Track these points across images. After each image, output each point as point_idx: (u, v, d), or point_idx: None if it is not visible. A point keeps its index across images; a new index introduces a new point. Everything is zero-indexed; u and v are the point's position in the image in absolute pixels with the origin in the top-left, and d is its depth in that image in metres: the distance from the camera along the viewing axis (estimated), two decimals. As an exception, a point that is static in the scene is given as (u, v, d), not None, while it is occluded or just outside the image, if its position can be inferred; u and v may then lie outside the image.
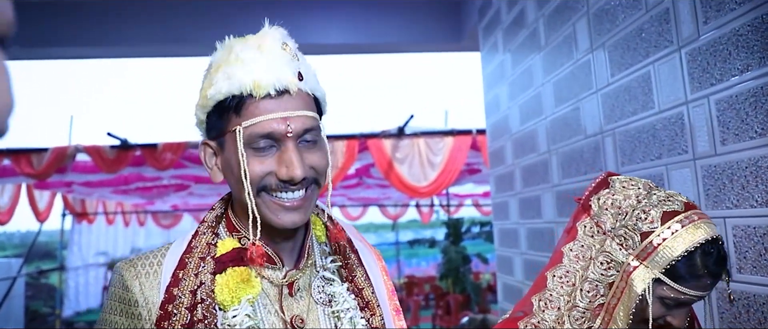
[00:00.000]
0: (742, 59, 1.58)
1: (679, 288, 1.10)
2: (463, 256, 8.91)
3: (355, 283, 1.04)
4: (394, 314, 1.09)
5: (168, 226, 12.77)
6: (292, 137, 0.91)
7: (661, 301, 1.13)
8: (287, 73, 0.91)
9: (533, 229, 3.22)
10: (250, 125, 0.89)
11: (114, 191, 8.82)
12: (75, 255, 10.91)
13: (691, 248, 1.09)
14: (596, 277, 1.19)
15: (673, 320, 1.14)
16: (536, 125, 3.11)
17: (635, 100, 2.13)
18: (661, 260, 1.10)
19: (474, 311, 7.66)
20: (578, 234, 1.25)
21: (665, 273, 1.10)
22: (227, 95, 0.90)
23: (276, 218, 0.93)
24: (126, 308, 0.93)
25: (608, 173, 1.28)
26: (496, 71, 3.77)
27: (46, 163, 5.97)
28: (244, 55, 0.91)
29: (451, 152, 6.27)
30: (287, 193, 0.93)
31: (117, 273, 0.96)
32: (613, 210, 1.20)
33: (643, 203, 1.17)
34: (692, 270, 1.10)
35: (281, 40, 0.94)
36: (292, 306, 0.98)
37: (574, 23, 2.59)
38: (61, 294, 9.99)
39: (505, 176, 3.70)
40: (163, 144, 6.05)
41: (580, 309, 1.20)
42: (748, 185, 1.58)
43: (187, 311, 0.89)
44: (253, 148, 0.91)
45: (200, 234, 0.99)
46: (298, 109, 0.92)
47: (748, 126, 1.57)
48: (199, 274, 0.93)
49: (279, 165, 0.91)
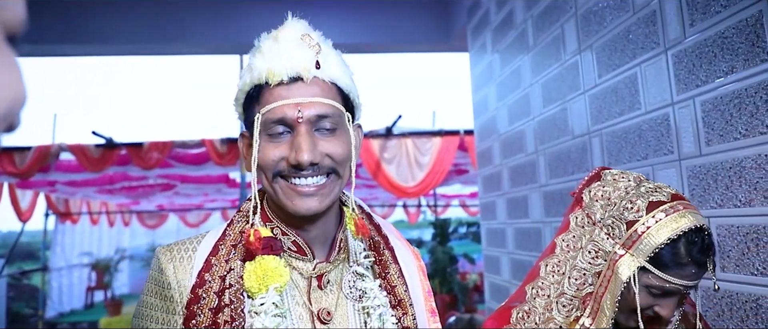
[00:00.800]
0: (727, 61, 1.61)
1: (663, 277, 1.11)
2: (450, 256, 8.92)
3: (388, 280, 1.04)
4: (429, 315, 1.09)
5: (153, 226, 12.64)
6: (303, 123, 0.92)
7: (648, 290, 1.14)
8: (301, 60, 0.93)
9: (520, 229, 3.24)
10: (266, 111, 0.93)
11: (98, 190, 8.73)
12: (58, 256, 10.76)
13: (674, 236, 1.10)
14: (584, 266, 1.21)
15: (661, 310, 1.15)
16: (524, 125, 3.13)
17: (622, 101, 2.15)
18: (646, 248, 1.12)
19: (461, 311, 7.67)
20: (570, 225, 1.27)
21: (650, 261, 1.12)
22: (250, 85, 0.95)
23: (291, 204, 0.94)
24: (160, 290, 0.96)
25: (602, 168, 1.31)
26: (485, 72, 3.79)
27: (28, 162, 5.90)
28: (263, 47, 0.96)
29: (439, 152, 6.28)
30: (300, 179, 0.94)
31: (155, 257, 0.99)
32: (602, 201, 1.23)
33: (630, 194, 1.19)
34: (676, 258, 1.11)
35: (301, 31, 0.97)
36: (320, 298, 0.99)
37: (563, 24, 2.62)
38: (44, 295, 9.85)
39: (493, 177, 3.72)
40: (149, 143, 6.00)
41: (568, 296, 1.22)
42: (732, 186, 1.60)
43: (215, 295, 0.91)
44: (268, 134, 0.94)
45: (235, 223, 1.02)
46: (312, 95, 0.94)
47: (733, 127, 1.59)
48: (229, 260, 0.96)
49: (290, 150, 0.93)
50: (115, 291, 11.21)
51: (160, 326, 0.94)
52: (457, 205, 13.42)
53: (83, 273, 11.55)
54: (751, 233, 1.54)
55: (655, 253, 1.12)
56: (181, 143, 6.08)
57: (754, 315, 1.54)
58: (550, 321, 1.23)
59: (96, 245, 12.03)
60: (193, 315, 0.90)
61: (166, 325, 0.93)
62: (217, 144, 6.01)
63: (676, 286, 1.12)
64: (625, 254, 1.15)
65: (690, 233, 1.12)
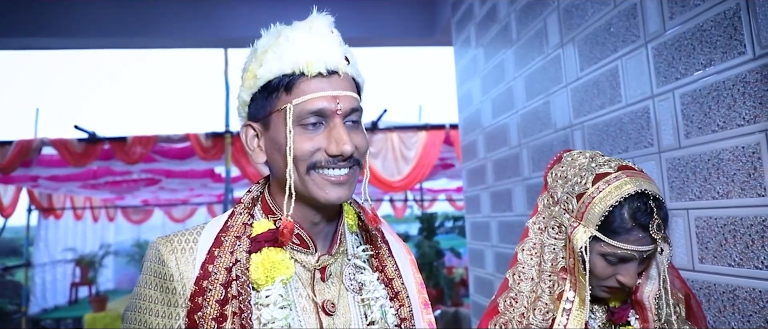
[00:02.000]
0: (706, 54, 1.62)
1: (613, 243, 1.16)
2: (437, 251, 8.96)
3: (385, 273, 1.07)
4: (422, 307, 1.12)
5: (139, 221, 12.53)
6: (340, 115, 0.94)
7: (604, 258, 1.19)
8: (337, 54, 0.96)
9: (504, 222, 3.25)
10: (301, 102, 0.93)
11: (82, 185, 8.63)
12: (42, 251, 10.64)
13: (615, 202, 1.15)
14: (552, 242, 1.27)
15: (623, 278, 1.19)
16: (508, 119, 3.14)
17: (603, 94, 2.16)
18: (593, 217, 1.17)
19: (447, 304, 7.71)
20: (539, 208, 1.34)
21: (599, 230, 1.17)
22: (278, 74, 0.94)
23: (324, 194, 0.95)
24: (161, 282, 0.95)
25: (565, 151, 1.38)
26: (469, 66, 3.79)
27: (10, 156, 5.82)
28: (294, 36, 0.96)
29: (425, 146, 6.29)
30: (335, 170, 0.95)
31: (153, 248, 0.98)
32: (561, 180, 1.29)
33: (582, 170, 1.25)
34: (621, 223, 1.16)
35: (329, 25, 1.00)
36: (323, 290, 1.01)
37: (545, 18, 2.62)
38: (28, 291, 9.73)
39: (477, 170, 3.73)
40: (133, 137, 5.95)
41: (547, 273, 1.27)
42: (710, 178, 1.62)
43: (222, 287, 0.92)
44: (301, 125, 0.94)
45: (236, 214, 1.02)
46: (346, 89, 0.96)
47: (711, 120, 1.61)
48: (234, 252, 0.96)
49: (328, 141, 0.94)
50: (100, 287, 11.10)
51: (161, 319, 0.93)
52: (443, 199, 13.46)
53: (67, 268, 11.43)
54: (728, 225, 1.56)
55: (602, 221, 1.16)
56: (165, 138, 6.03)
57: (730, 306, 1.56)
58: (538, 301, 1.26)
59: (80, 241, 11.90)
60: (198, 308, 0.90)
61: (168, 318, 0.93)
62: (202, 139, 5.97)
63: (627, 252, 1.16)
64: (578, 225, 1.20)
65: (632, 198, 1.16)
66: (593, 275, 1.20)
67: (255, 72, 0.96)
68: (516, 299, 1.30)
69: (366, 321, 1.01)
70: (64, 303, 10.95)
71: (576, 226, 1.20)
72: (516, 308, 1.29)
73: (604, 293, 1.24)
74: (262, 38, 1.00)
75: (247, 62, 1.01)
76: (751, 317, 1.49)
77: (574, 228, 1.20)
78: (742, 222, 1.51)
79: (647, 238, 1.16)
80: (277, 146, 0.96)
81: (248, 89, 0.98)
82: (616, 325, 1.28)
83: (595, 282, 1.22)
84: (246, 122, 1.02)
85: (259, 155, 1.01)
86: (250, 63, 1.00)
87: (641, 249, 1.16)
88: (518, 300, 1.29)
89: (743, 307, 1.52)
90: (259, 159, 1.01)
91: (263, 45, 0.98)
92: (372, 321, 1.01)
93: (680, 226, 1.75)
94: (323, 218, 1.02)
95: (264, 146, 1.00)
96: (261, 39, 1.00)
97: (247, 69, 0.99)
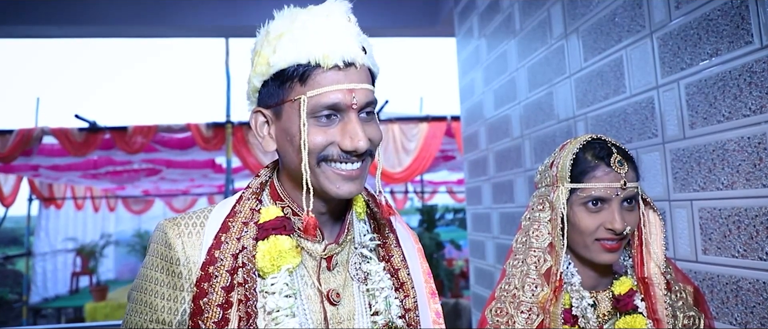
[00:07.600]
0: (712, 44, 1.60)
1: (587, 186, 1.25)
2: (437, 242, 8.95)
3: (391, 263, 1.06)
4: (429, 296, 1.11)
5: (139, 212, 12.53)
6: (355, 109, 0.92)
7: (585, 207, 1.26)
8: (355, 45, 0.92)
9: (506, 213, 3.25)
10: (316, 95, 0.90)
11: (83, 175, 8.62)
12: (42, 241, 10.65)
13: (575, 150, 1.29)
14: (536, 216, 1.34)
15: (611, 224, 1.24)
16: (510, 109, 3.12)
17: (607, 84, 2.14)
18: (563, 171, 1.28)
19: (447, 296, 7.72)
20: (529, 203, 1.41)
21: (572, 181, 1.27)
22: (293, 63, 0.90)
23: (334, 188, 0.94)
24: (167, 265, 0.94)
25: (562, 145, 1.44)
26: (471, 56, 3.78)
27: (10, 145, 5.81)
28: (311, 24, 0.92)
29: (426, 138, 6.28)
30: (347, 164, 0.94)
31: (160, 231, 0.96)
32: (542, 167, 1.41)
33: (555, 150, 1.39)
34: (586, 164, 1.27)
35: (346, 11, 0.96)
36: (329, 279, 1.00)
37: (549, 8, 2.60)
38: (28, 280, 9.75)
39: (479, 161, 3.72)
40: (134, 127, 5.93)
41: (534, 248, 1.32)
42: (715, 168, 1.61)
43: (228, 274, 0.91)
44: (315, 117, 0.91)
45: (244, 200, 1.01)
46: (362, 82, 0.93)
47: (716, 110, 1.60)
48: (241, 238, 0.95)
49: (343, 136, 0.92)
50: (101, 277, 11.11)
51: (167, 301, 0.93)
52: (444, 191, 13.45)
53: (68, 258, 11.45)
54: (732, 216, 1.55)
55: (571, 173, 1.27)
56: (166, 127, 6.01)
57: (734, 297, 1.55)
58: (526, 278, 1.30)
59: (81, 231, 11.91)
60: (204, 293, 0.90)
61: (173, 301, 0.93)
62: (203, 129, 5.96)
63: (602, 189, 1.24)
64: (556, 189, 1.30)
65: (590, 142, 1.29)
66: (582, 231, 1.26)
67: (268, 58, 0.92)
68: (509, 283, 1.34)
69: (370, 312, 1.01)
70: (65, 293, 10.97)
71: (555, 190, 1.30)
72: (509, 291, 1.32)
73: (605, 252, 1.26)
74: (275, 21, 0.95)
75: (258, 45, 0.96)
76: (754, 308, 1.49)
77: (554, 193, 1.30)
78: (746, 213, 1.50)
79: (613, 173, 1.24)
80: (288, 137, 0.94)
81: (260, 75, 0.95)
82: (621, 313, 1.28)
83: (588, 238, 1.26)
84: (256, 108, 0.99)
85: (269, 143, 0.99)
86: (261, 46, 0.95)
87: (611, 184, 1.23)
88: (511, 283, 1.33)
89: (746, 298, 1.51)
90: (269, 147, 0.99)
91: (277, 28, 0.94)
92: (376, 312, 1.00)
93: (684, 217, 1.75)
94: (332, 208, 1.01)
95: (275, 134, 0.97)
96: (274, 21, 0.95)
97: (259, 53, 0.95)
